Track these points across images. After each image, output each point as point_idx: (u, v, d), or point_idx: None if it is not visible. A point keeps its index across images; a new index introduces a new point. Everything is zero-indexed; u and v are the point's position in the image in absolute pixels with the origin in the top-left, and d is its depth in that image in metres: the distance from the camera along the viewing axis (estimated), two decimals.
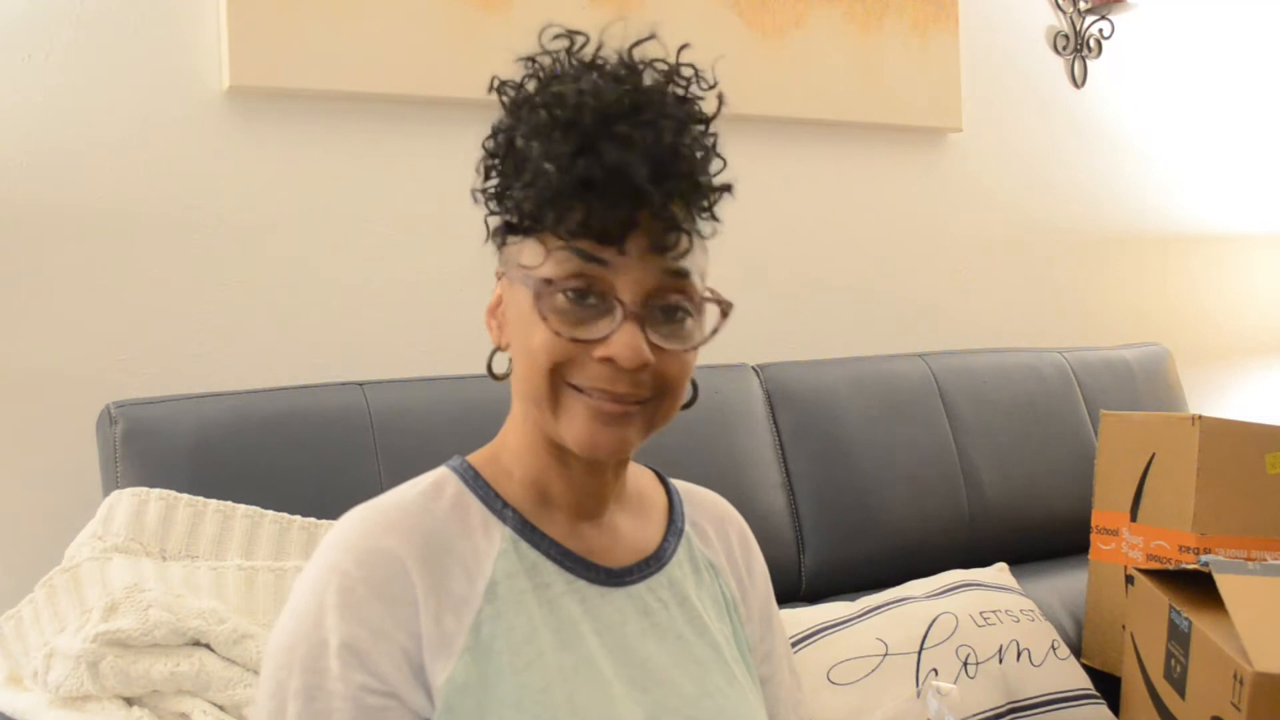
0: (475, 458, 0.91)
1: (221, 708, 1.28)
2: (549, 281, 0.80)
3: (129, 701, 1.27)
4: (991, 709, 1.66)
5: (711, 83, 0.86)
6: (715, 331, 0.85)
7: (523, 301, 0.83)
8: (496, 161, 0.84)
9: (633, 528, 0.93)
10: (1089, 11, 2.69)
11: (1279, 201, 3.02)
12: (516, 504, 0.87)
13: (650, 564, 0.92)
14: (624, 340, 0.79)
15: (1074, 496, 2.14)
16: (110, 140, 1.72)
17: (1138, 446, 1.87)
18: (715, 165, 0.85)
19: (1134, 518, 1.87)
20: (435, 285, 1.92)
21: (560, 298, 0.80)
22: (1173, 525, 1.79)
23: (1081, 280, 2.72)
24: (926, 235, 2.48)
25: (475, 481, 0.88)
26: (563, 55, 0.83)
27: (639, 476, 0.99)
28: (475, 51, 1.88)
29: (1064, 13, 2.68)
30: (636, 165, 0.77)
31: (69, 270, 1.69)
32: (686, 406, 0.90)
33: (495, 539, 0.85)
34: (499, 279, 0.88)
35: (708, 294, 0.85)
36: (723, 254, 2.45)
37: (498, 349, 0.89)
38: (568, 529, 0.89)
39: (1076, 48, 2.69)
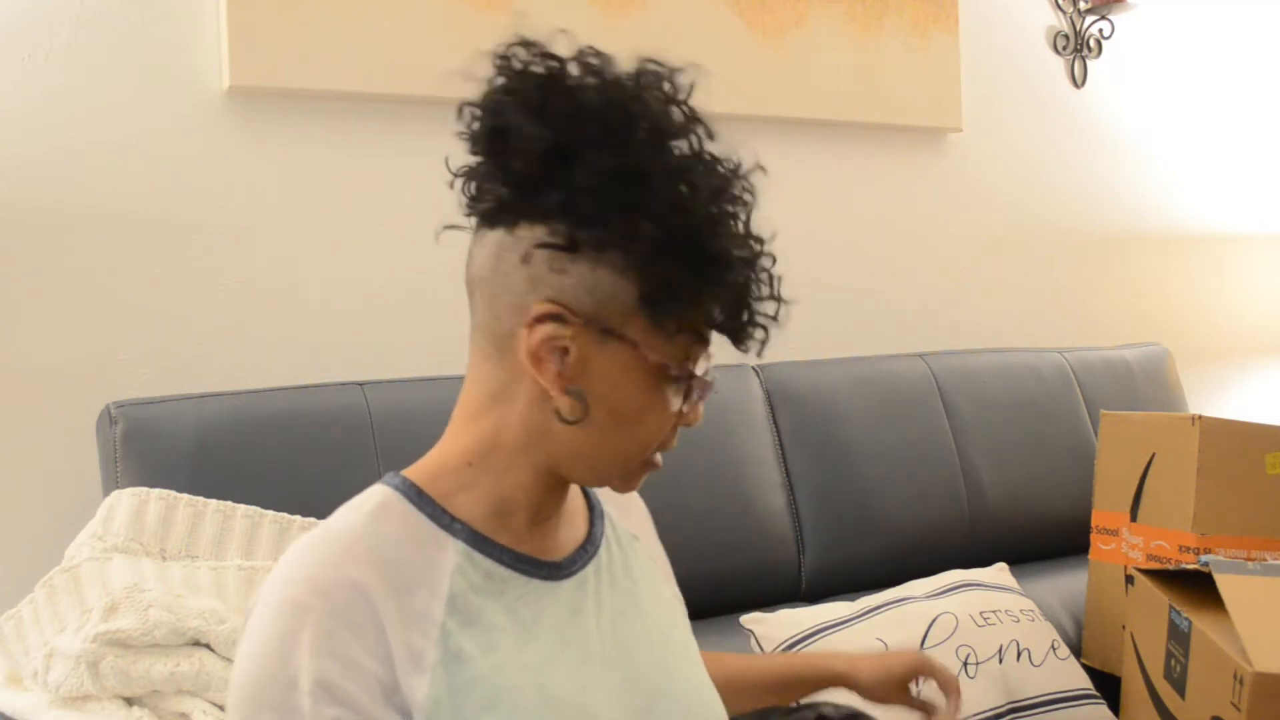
0: (415, 474, 0.88)
1: (221, 708, 1.28)
2: (694, 375, 0.84)
3: (129, 701, 1.27)
4: (991, 709, 1.66)
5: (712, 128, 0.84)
6: None
7: (636, 376, 0.82)
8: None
9: (568, 522, 0.94)
10: (1089, 11, 2.69)
11: (1279, 201, 3.03)
12: (466, 518, 0.87)
13: (587, 549, 0.93)
14: (700, 409, 0.86)
15: (1074, 496, 2.14)
16: (110, 140, 1.72)
17: (1138, 446, 1.88)
18: None
19: (1134, 518, 1.87)
20: (435, 285, 1.92)
21: (688, 386, 0.84)
22: (1173, 525, 1.79)
23: (1081, 280, 2.71)
24: (926, 235, 2.48)
25: (420, 499, 0.86)
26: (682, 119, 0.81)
27: None
28: (475, 51, 1.88)
29: (1064, 13, 2.68)
30: (777, 298, 0.84)
31: (69, 270, 1.69)
32: None
33: (449, 553, 0.84)
34: (540, 315, 0.79)
35: None
36: None
37: (562, 393, 0.81)
38: (522, 535, 0.88)
39: (1076, 48, 2.69)
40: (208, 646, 1.29)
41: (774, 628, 1.71)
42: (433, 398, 1.69)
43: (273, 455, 1.56)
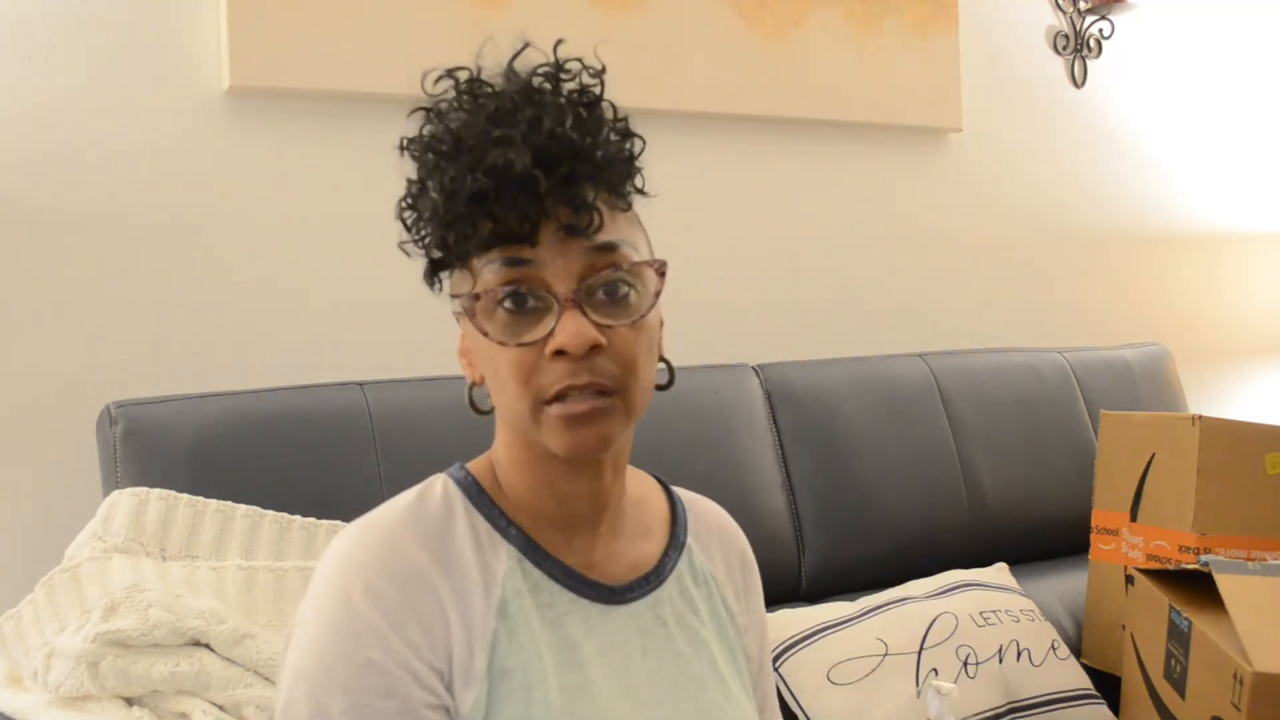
0: (475, 468, 0.89)
1: (221, 707, 1.28)
2: (478, 296, 0.80)
3: (129, 701, 1.27)
4: (991, 709, 1.66)
5: (598, 69, 0.85)
6: (658, 294, 0.84)
7: (468, 329, 0.83)
8: (407, 213, 0.86)
9: (632, 540, 0.92)
10: (1089, 11, 2.69)
11: (1279, 201, 3.03)
12: (518, 520, 0.87)
13: (650, 580, 0.91)
14: (567, 328, 0.78)
15: (1074, 496, 2.14)
16: (110, 140, 1.72)
17: (1138, 446, 1.88)
18: (618, 142, 0.84)
19: (1134, 518, 1.87)
20: None
21: (500, 311, 0.80)
22: (1173, 525, 1.78)
23: (1081, 280, 2.72)
24: (926, 235, 2.48)
25: (479, 497, 0.86)
26: (452, 94, 0.85)
27: (640, 484, 0.97)
28: (475, 51, 1.88)
29: (1064, 13, 2.68)
30: (519, 157, 0.78)
31: (69, 270, 1.69)
32: (665, 388, 0.89)
33: (502, 556, 0.84)
34: (458, 321, 0.88)
35: (639, 259, 0.83)
36: (723, 253, 2.45)
37: (473, 385, 0.88)
38: (565, 543, 0.88)
39: (1076, 48, 2.69)
40: (208, 646, 1.29)
41: (774, 628, 1.71)
42: (433, 398, 1.69)
43: (273, 455, 1.56)
